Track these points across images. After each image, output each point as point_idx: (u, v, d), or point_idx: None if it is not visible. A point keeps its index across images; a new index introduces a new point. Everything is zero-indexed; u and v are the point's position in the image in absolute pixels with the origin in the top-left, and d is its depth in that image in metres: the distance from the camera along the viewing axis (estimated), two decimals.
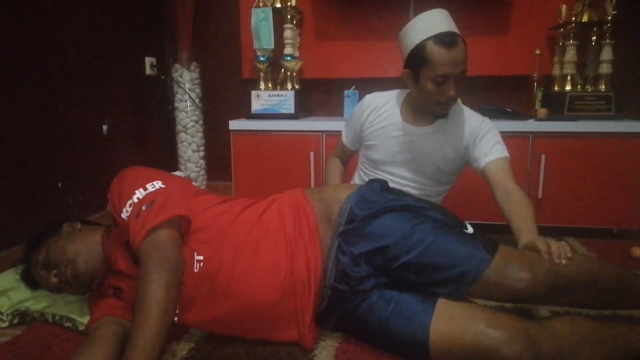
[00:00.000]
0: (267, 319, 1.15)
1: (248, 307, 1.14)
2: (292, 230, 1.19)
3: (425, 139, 1.58)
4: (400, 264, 1.14)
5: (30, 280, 1.35)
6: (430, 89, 1.44)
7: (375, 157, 1.67)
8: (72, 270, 1.21)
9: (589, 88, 2.31)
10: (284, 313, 1.15)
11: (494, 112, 2.34)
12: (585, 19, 2.27)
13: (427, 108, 1.54)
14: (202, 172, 2.88)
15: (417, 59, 1.44)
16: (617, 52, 2.25)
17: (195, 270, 1.15)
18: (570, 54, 2.30)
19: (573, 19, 2.28)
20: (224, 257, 1.15)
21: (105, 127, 2.29)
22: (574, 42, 2.28)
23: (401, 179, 1.64)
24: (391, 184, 1.40)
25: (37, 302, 1.38)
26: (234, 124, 2.45)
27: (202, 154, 2.85)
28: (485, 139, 1.53)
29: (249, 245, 1.17)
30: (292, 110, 2.50)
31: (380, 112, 1.64)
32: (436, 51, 1.39)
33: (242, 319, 1.16)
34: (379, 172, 1.68)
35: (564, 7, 2.31)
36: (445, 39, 1.39)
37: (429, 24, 1.43)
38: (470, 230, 1.24)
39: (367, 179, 1.66)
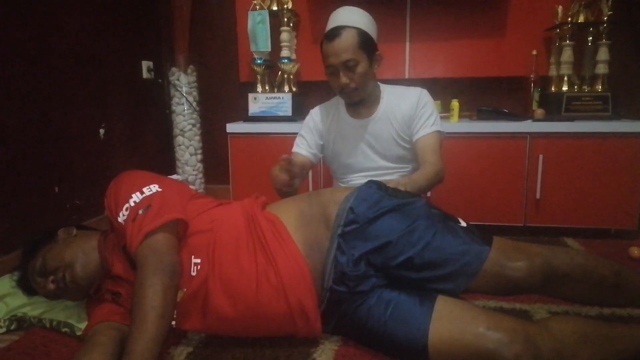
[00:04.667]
0: (265, 319, 1.15)
1: (245, 307, 1.13)
2: (271, 235, 1.19)
3: (376, 125, 1.69)
4: (402, 261, 1.14)
5: (27, 287, 1.34)
6: (330, 80, 1.61)
7: (344, 161, 1.75)
8: (70, 276, 1.21)
9: (585, 88, 2.32)
10: (284, 313, 1.14)
11: (491, 113, 2.35)
12: (581, 19, 2.27)
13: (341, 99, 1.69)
14: (200, 175, 2.87)
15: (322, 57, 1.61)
16: (613, 53, 2.26)
17: (193, 274, 1.15)
18: (567, 54, 2.30)
19: (569, 19, 2.28)
20: (220, 260, 1.15)
21: (102, 131, 2.29)
22: (570, 42, 2.29)
23: (375, 171, 1.71)
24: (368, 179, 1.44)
25: (34, 308, 1.38)
26: (232, 127, 2.45)
27: (199, 157, 2.85)
28: (421, 112, 1.65)
29: (242, 248, 1.17)
30: (289, 113, 2.50)
31: (330, 117, 1.75)
32: (324, 46, 1.56)
33: (242, 320, 1.15)
34: (354, 175, 1.75)
35: (559, 8, 2.31)
36: (329, 33, 1.54)
37: (329, 24, 1.58)
38: (463, 224, 1.26)
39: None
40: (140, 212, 1.11)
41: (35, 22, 1.87)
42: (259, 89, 2.60)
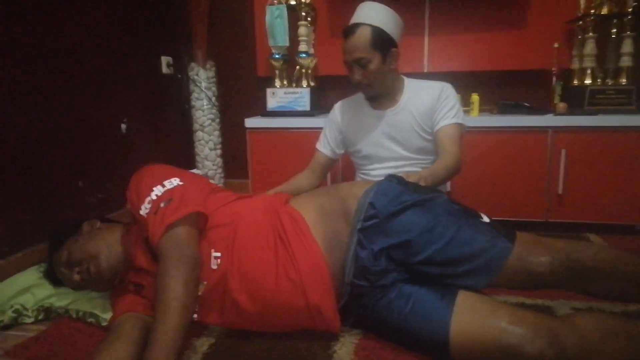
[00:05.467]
0: (283, 313, 1.16)
1: (263, 301, 1.14)
2: (292, 230, 1.19)
3: (397, 116, 1.71)
4: (423, 258, 1.13)
5: (53, 278, 1.38)
6: (348, 75, 1.64)
7: (364, 152, 1.76)
8: (94, 267, 1.23)
9: (609, 82, 2.27)
10: (302, 309, 1.15)
11: (512, 107, 2.32)
12: (604, 11, 2.22)
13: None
14: (219, 170, 2.89)
15: None
16: (638, 45, 2.20)
17: (214, 267, 1.16)
18: (590, 47, 2.25)
19: (592, 11, 2.24)
20: (239, 254, 1.16)
21: (123, 126, 2.32)
22: (594, 34, 2.24)
23: (396, 161, 1.73)
24: (389, 171, 1.45)
25: (61, 299, 1.41)
26: (250, 122, 2.46)
27: (219, 152, 2.87)
28: (443, 104, 1.66)
29: (261, 242, 1.17)
30: (307, 108, 2.50)
31: (351, 110, 1.79)
32: (343, 43, 1.60)
33: (260, 314, 1.16)
34: (375, 166, 1.76)
35: (582, 0, 2.27)
36: (345, 30, 1.58)
37: (351, 20, 1.61)
38: (486, 219, 1.24)
39: (368, 179, 1.74)
40: (161, 205, 1.13)
41: (56, 19, 1.89)
42: (277, 83, 2.61)
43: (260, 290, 1.14)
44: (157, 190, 1.16)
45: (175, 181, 1.19)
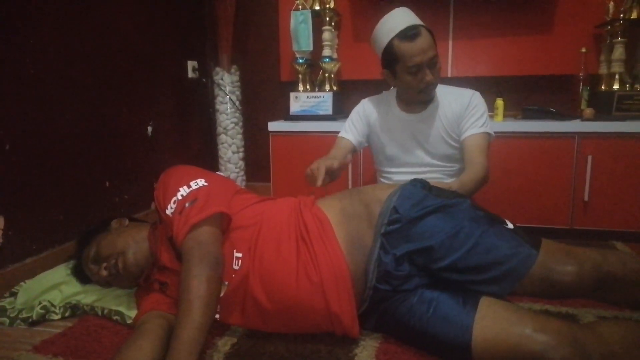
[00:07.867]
0: (303, 315, 1.16)
1: (284, 302, 1.15)
2: (316, 232, 1.19)
3: (425, 122, 1.69)
4: (444, 265, 1.13)
5: (81, 275, 1.41)
6: (409, 81, 1.58)
7: (389, 153, 1.76)
8: (122, 263, 1.26)
9: (638, 87, 2.22)
10: (321, 312, 1.15)
11: (537, 112, 2.29)
12: (634, 15, 2.18)
13: (412, 98, 1.67)
14: (242, 173, 2.92)
15: (390, 58, 1.58)
16: None
17: (235, 268, 1.17)
18: (619, 52, 2.22)
19: (621, 15, 2.20)
20: (261, 254, 1.17)
21: (150, 128, 2.36)
22: (622, 39, 2.20)
23: (419, 167, 1.72)
24: (412, 175, 1.45)
25: (87, 296, 1.44)
26: (273, 126, 2.48)
27: (241, 155, 2.90)
28: (472, 112, 1.65)
29: (283, 243, 1.18)
30: (330, 112, 2.51)
31: (381, 109, 1.76)
32: (403, 46, 1.53)
33: (280, 315, 1.17)
34: (397, 169, 1.76)
35: (611, 4, 2.23)
36: (407, 33, 1.52)
37: (391, 25, 1.56)
38: (510, 225, 1.22)
39: (389, 182, 1.73)
40: (186, 205, 1.15)
41: (87, 26, 1.95)
42: (300, 87, 2.62)
43: (280, 290, 1.15)
44: (183, 191, 1.19)
45: (201, 182, 1.21)
